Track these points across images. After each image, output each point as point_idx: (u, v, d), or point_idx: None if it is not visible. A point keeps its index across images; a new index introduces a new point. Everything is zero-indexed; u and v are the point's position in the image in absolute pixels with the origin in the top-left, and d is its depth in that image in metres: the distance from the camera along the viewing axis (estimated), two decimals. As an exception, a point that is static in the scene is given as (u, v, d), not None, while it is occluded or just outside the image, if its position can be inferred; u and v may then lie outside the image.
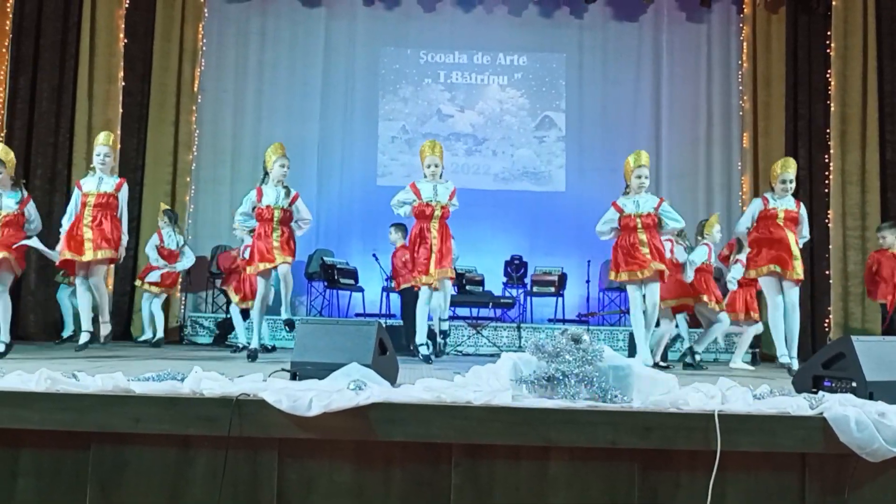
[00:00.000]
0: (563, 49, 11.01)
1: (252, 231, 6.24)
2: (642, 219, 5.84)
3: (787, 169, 6.00)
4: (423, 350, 6.01)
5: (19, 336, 7.66)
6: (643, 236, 5.79)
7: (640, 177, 5.89)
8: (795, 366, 5.73)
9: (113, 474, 2.84)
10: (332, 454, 2.85)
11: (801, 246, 6.01)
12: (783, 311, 5.87)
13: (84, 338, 5.77)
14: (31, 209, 5.90)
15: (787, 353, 5.90)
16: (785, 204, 5.97)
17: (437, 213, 6.15)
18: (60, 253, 5.71)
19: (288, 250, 5.98)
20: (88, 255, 5.63)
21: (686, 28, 10.94)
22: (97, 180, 5.81)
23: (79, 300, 5.97)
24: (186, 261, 8.34)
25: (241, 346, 7.43)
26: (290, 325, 5.88)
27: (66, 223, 5.84)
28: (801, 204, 6.13)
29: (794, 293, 5.86)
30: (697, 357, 6.78)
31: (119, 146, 9.03)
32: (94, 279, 5.76)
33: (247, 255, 6.61)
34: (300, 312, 10.00)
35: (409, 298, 7.85)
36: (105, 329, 5.95)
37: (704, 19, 10.91)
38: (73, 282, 6.63)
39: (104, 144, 5.87)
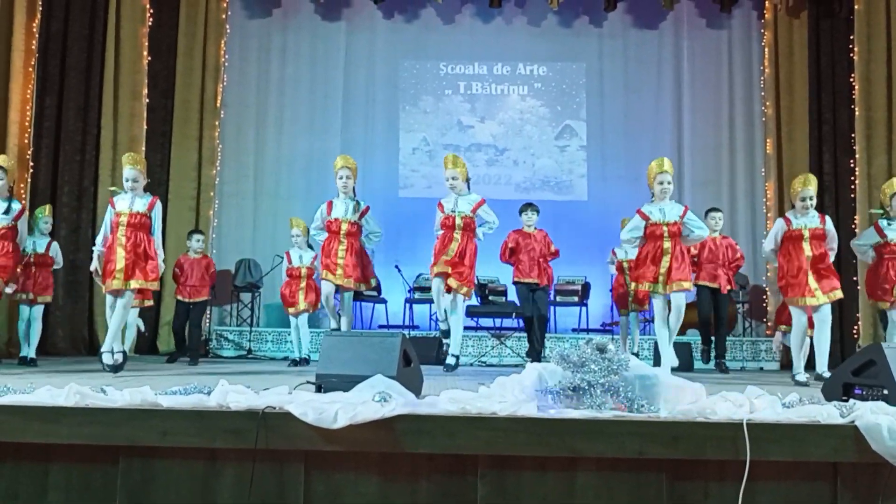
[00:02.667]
0: (583, 58, 11.00)
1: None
2: (669, 227, 5.74)
3: (808, 185, 5.85)
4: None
5: (48, 351, 7.75)
6: (668, 245, 5.73)
7: (662, 183, 5.79)
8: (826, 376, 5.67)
9: (141, 488, 2.86)
10: (358, 466, 2.85)
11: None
12: (815, 325, 5.80)
13: (119, 358, 5.48)
14: (22, 223, 5.90)
15: (802, 371, 5.85)
16: (809, 222, 5.83)
17: (459, 222, 6.27)
18: (103, 283, 5.58)
19: (354, 272, 6.14)
20: (117, 284, 5.44)
21: (707, 34, 10.89)
22: (130, 199, 5.61)
23: (109, 320, 5.68)
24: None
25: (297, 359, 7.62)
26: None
27: (99, 243, 5.68)
28: (827, 218, 5.97)
29: (822, 310, 5.73)
30: None
31: (146, 168, 9.14)
32: (122, 300, 5.50)
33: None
34: (324, 325, 10.03)
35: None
36: (106, 358, 5.45)
37: (725, 25, 10.86)
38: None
39: (131, 168, 5.64)
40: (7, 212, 5.86)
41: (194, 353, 7.58)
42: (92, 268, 5.73)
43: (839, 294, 5.74)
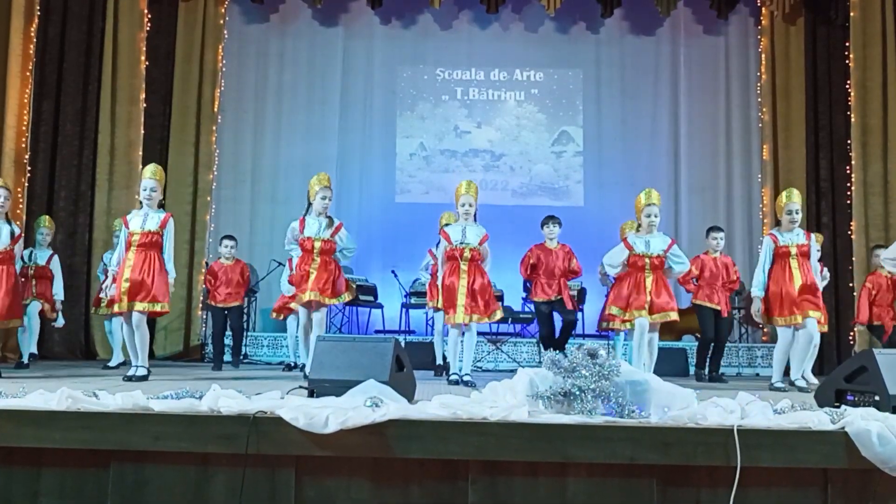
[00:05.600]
0: (579, 64, 11.03)
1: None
2: (651, 260, 5.83)
3: (792, 199, 5.93)
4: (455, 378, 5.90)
5: (44, 356, 7.73)
6: (649, 278, 5.80)
7: (649, 216, 5.89)
8: (801, 385, 5.77)
9: (133, 492, 2.86)
10: (349, 471, 2.85)
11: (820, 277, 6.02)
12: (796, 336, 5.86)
13: (142, 372, 5.41)
14: (19, 248, 5.84)
15: (780, 379, 5.89)
16: (795, 238, 5.89)
17: (467, 254, 5.97)
18: (111, 300, 5.49)
19: (328, 289, 5.94)
20: (120, 307, 5.35)
21: (703, 41, 10.92)
22: (143, 217, 5.50)
23: (126, 338, 5.57)
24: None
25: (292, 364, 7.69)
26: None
27: (114, 263, 5.60)
28: (812, 235, 6.07)
29: (810, 323, 5.78)
30: None
31: (140, 166, 9.13)
32: (135, 318, 5.40)
33: None
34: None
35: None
36: (141, 371, 5.44)
37: (722, 32, 10.89)
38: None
39: (151, 178, 5.53)
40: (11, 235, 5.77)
41: (237, 355, 7.73)
42: (106, 285, 5.64)
43: (817, 315, 5.83)
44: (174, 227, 5.62)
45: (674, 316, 5.82)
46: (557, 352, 3.06)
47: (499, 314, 6.08)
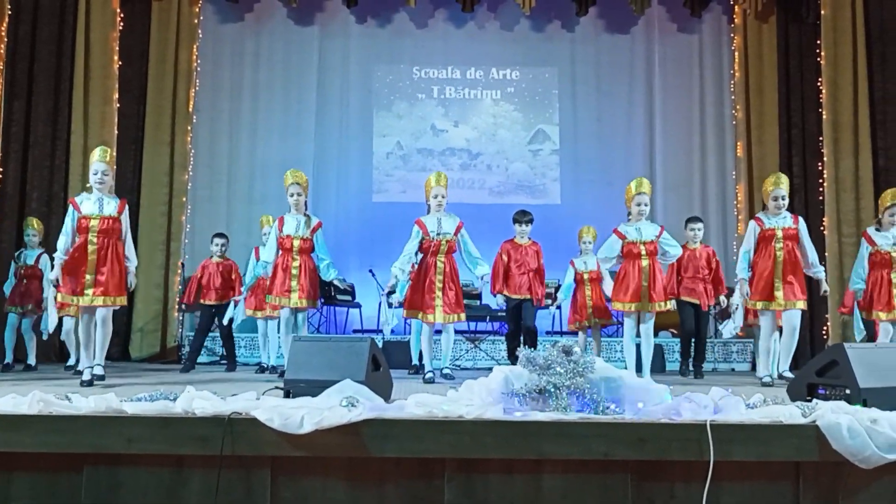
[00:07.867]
0: (555, 62, 11.06)
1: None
2: (646, 246, 5.84)
3: (779, 185, 5.95)
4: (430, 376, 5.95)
5: (18, 359, 7.64)
6: (646, 263, 5.81)
7: (640, 204, 5.89)
8: (789, 376, 5.78)
9: (107, 496, 2.84)
10: (325, 471, 2.85)
11: (810, 262, 5.93)
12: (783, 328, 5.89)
13: (99, 371, 5.27)
14: None
15: (768, 373, 5.94)
16: (782, 222, 5.92)
17: (444, 247, 6.08)
18: (59, 292, 5.24)
19: (307, 291, 6.00)
20: (86, 301, 5.14)
21: (678, 39, 11.00)
22: (97, 201, 5.25)
23: (81, 334, 5.34)
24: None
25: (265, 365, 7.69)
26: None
27: (62, 250, 5.21)
28: (800, 219, 6.06)
29: (791, 315, 5.81)
30: None
31: (115, 167, 9.02)
32: (100, 313, 5.21)
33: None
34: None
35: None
36: (98, 370, 5.28)
37: (696, 30, 10.97)
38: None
39: (100, 161, 5.29)
40: None
41: (232, 359, 7.78)
42: (53, 277, 5.28)
43: (801, 305, 5.81)
44: (139, 221, 5.52)
45: (668, 305, 5.85)
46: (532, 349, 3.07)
47: (462, 317, 6.26)
